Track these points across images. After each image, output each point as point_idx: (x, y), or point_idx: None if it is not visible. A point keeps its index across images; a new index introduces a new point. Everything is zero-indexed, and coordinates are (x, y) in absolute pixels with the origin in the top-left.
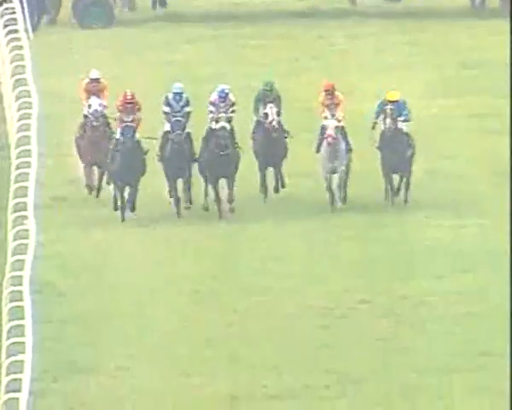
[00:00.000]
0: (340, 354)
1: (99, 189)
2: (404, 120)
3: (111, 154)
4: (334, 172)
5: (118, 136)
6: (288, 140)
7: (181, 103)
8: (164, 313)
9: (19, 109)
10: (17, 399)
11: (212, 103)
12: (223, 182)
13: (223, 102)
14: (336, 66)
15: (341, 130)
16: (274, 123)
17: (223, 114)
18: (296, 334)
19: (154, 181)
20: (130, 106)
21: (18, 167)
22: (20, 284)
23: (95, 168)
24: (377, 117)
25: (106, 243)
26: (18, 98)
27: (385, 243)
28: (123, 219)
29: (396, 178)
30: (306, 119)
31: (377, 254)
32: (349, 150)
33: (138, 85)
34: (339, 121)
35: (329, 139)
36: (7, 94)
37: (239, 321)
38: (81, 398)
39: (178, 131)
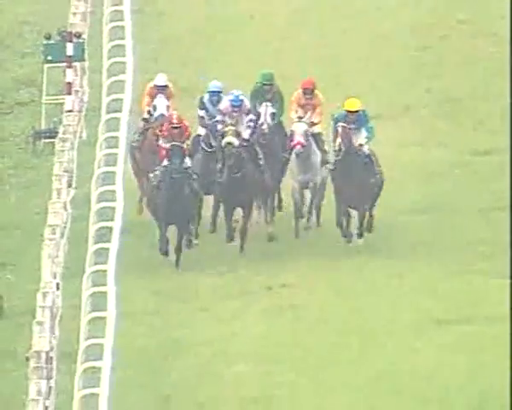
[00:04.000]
0: (440, 74)
1: None
2: (367, 137)
3: (154, 184)
4: (306, 186)
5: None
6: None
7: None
8: None
9: None
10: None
11: (221, 112)
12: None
13: (236, 111)
14: None
15: (317, 137)
16: (264, 127)
17: (230, 127)
18: (392, 55)
19: None
20: (178, 131)
21: None
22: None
23: None
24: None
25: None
26: None
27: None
28: (165, 254)
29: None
30: None
31: None
32: (326, 162)
33: None
34: (312, 125)
35: (297, 148)
36: None
37: None
38: None
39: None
